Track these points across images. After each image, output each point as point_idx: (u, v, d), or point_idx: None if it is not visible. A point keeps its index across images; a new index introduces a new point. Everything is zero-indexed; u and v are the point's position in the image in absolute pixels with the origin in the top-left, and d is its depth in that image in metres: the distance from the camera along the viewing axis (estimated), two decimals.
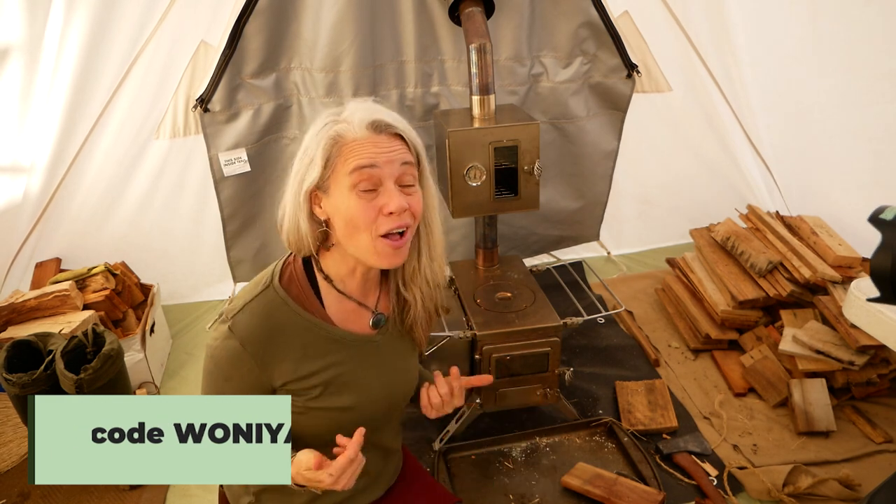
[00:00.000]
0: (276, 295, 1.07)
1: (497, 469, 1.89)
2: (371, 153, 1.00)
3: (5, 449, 2.07)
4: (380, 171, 1.01)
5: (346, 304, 1.13)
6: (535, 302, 1.98)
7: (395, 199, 1.01)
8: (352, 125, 1.02)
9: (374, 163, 1.00)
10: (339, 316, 1.12)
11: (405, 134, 1.05)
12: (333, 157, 1.02)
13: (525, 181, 2.00)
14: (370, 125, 1.02)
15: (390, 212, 1.01)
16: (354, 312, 1.15)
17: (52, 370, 1.83)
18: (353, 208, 1.01)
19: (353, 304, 1.14)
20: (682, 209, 3.15)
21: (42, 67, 2.33)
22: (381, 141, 1.02)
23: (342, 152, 1.01)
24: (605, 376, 2.30)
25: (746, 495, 1.79)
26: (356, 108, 1.05)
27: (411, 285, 1.17)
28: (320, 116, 1.07)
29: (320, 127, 1.04)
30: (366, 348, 1.15)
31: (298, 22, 2.38)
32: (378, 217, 1.01)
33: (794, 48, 2.67)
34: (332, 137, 1.02)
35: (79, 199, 2.61)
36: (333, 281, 1.11)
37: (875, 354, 2.01)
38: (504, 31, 2.50)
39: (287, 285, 1.09)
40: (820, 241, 2.33)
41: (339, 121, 1.03)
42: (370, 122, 1.02)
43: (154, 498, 1.88)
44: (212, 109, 2.46)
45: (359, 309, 1.15)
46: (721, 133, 2.98)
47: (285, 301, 1.07)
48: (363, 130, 1.02)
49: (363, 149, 1.00)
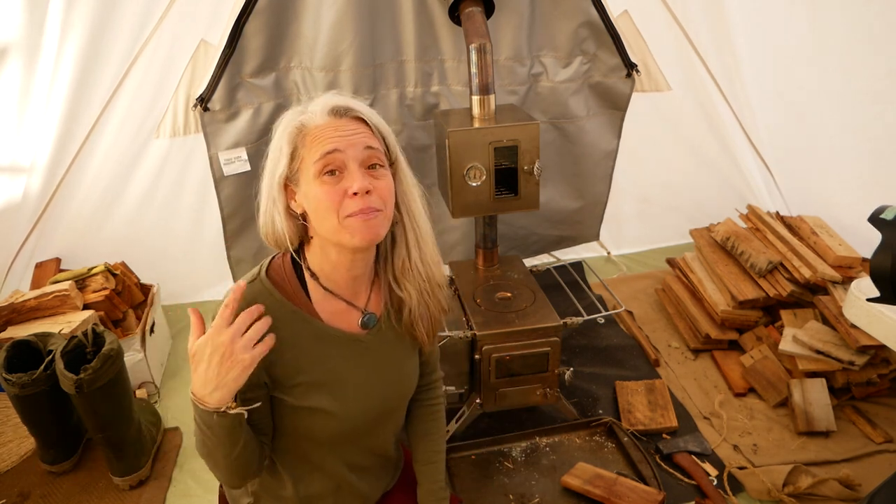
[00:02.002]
0: (262, 287, 1.07)
1: (497, 469, 1.89)
2: (332, 137, 1.01)
3: (5, 449, 2.07)
4: (342, 155, 1.01)
5: (335, 302, 1.12)
6: (535, 302, 1.98)
7: (358, 180, 1.00)
8: (314, 114, 1.04)
9: (336, 147, 1.00)
10: (327, 313, 1.11)
11: (367, 117, 1.06)
12: (299, 147, 1.03)
13: (525, 181, 2.00)
14: (331, 111, 1.03)
15: (354, 192, 1.00)
16: (344, 312, 1.13)
17: (51, 370, 1.83)
18: (319, 193, 1.01)
19: (342, 303, 1.12)
20: (682, 209, 3.15)
21: (41, 67, 2.33)
22: (343, 125, 1.03)
23: (306, 142, 1.02)
24: (605, 376, 2.30)
25: (746, 495, 1.79)
26: (319, 99, 1.06)
27: (404, 282, 1.15)
28: (286, 113, 1.08)
29: (286, 121, 1.06)
30: (353, 348, 1.13)
31: (298, 21, 2.38)
32: (343, 199, 1.01)
33: (794, 48, 2.67)
34: (296, 128, 1.03)
35: (79, 199, 2.61)
36: (320, 278, 1.10)
37: (875, 354, 2.01)
38: (504, 31, 2.50)
39: (274, 280, 1.09)
40: (820, 241, 2.33)
41: (302, 112, 1.06)
42: (331, 108, 1.04)
43: (154, 498, 1.88)
44: (212, 108, 2.46)
45: (348, 308, 1.13)
46: (721, 133, 2.98)
47: (271, 293, 1.07)
48: (324, 117, 1.03)
49: (325, 134, 1.01)
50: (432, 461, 1.33)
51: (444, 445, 1.37)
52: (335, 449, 1.16)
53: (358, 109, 1.05)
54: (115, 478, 1.90)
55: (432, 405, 1.35)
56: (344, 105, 1.04)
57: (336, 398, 1.10)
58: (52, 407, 1.90)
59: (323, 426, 1.11)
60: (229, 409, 0.94)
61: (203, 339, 0.91)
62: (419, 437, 1.34)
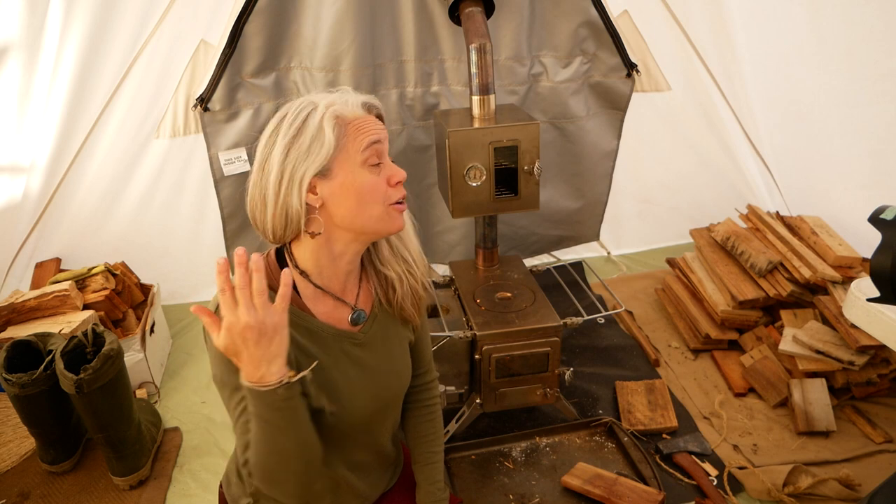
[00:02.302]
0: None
1: (497, 469, 1.89)
2: (374, 129, 1.05)
3: (5, 449, 2.08)
4: (383, 147, 1.07)
5: (325, 299, 1.12)
6: (535, 302, 1.98)
7: (399, 170, 1.09)
8: (347, 105, 1.05)
9: (380, 138, 1.06)
10: (317, 311, 1.11)
11: (383, 115, 1.13)
12: (340, 135, 1.03)
13: (525, 181, 2.00)
14: (363, 105, 1.07)
15: (397, 181, 1.08)
16: (334, 309, 1.13)
17: (51, 370, 1.83)
18: (367, 182, 1.04)
19: (331, 300, 1.12)
20: (682, 209, 3.15)
21: (42, 67, 2.33)
22: (373, 119, 1.07)
23: (347, 131, 1.03)
24: (605, 376, 2.30)
25: (746, 495, 1.79)
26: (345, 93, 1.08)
27: (391, 262, 1.19)
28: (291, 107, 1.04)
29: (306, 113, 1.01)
30: (346, 345, 1.13)
31: (298, 21, 2.38)
32: (387, 189, 1.07)
33: (794, 47, 2.67)
34: (336, 117, 1.02)
35: (79, 199, 2.61)
36: (311, 276, 1.10)
37: (875, 354, 2.01)
38: (504, 30, 2.50)
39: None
40: (820, 241, 2.33)
41: (332, 103, 1.03)
42: (363, 103, 1.07)
43: (154, 498, 1.88)
44: (212, 109, 2.46)
45: (337, 306, 1.13)
46: (721, 133, 2.98)
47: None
48: (360, 110, 1.06)
49: (366, 125, 1.05)
50: (431, 462, 1.33)
51: (442, 446, 1.37)
52: (333, 447, 1.16)
53: (380, 107, 1.11)
54: (115, 478, 1.90)
55: (429, 406, 1.36)
56: (372, 102, 1.10)
57: (333, 396, 1.10)
58: (52, 407, 1.90)
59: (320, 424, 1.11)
60: (291, 378, 0.93)
61: (225, 331, 0.90)
62: (417, 439, 1.34)
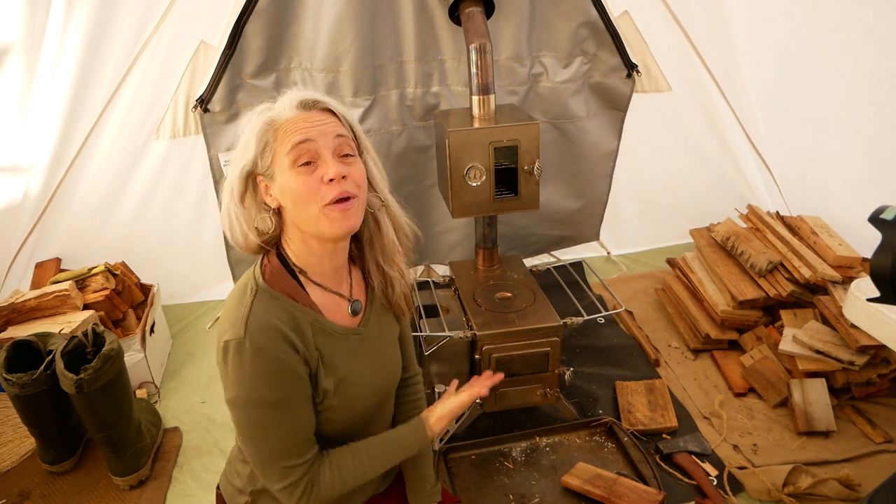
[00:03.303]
0: (268, 295, 1.05)
1: (497, 469, 1.89)
2: (303, 128, 1.03)
3: (5, 449, 2.08)
4: (315, 145, 1.03)
5: (326, 295, 1.14)
6: (535, 302, 1.98)
7: (333, 166, 1.03)
8: (282, 108, 1.06)
9: (309, 136, 1.03)
10: (324, 307, 1.12)
11: (334, 108, 1.09)
12: (270, 141, 1.04)
13: (525, 181, 2.00)
14: (299, 104, 1.06)
15: (330, 179, 1.02)
16: (335, 304, 1.15)
17: (51, 370, 1.83)
18: (295, 183, 1.03)
19: (332, 295, 1.14)
20: (682, 209, 3.15)
21: (42, 67, 2.33)
22: (312, 116, 1.05)
23: (277, 135, 1.04)
24: (605, 376, 2.30)
25: (746, 495, 1.79)
26: (285, 96, 1.08)
27: (391, 261, 1.20)
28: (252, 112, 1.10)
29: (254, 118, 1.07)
30: (352, 341, 1.15)
31: (298, 22, 2.38)
32: (321, 187, 1.03)
33: (794, 48, 2.67)
34: (266, 122, 1.05)
35: (79, 199, 2.61)
36: (308, 273, 1.11)
37: (875, 354, 2.01)
38: (504, 31, 2.50)
39: (272, 283, 1.07)
40: (820, 241, 2.33)
41: (268, 108, 1.08)
42: (299, 102, 1.06)
43: (154, 498, 1.88)
44: (212, 109, 2.46)
45: (337, 300, 1.16)
46: (721, 133, 2.98)
47: (278, 298, 1.06)
48: (293, 110, 1.05)
49: (295, 126, 1.03)
50: (420, 457, 1.33)
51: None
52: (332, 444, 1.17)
53: (325, 101, 1.08)
54: (115, 478, 1.90)
55: (415, 401, 1.38)
56: (311, 98, 1.07)
57: (340, 392, 1.11)
58: (52, 407, 1.90)
59: (325, 423, 1.11)
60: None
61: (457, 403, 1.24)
62: None
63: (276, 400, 1.02)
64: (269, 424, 1.03)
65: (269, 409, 1.02)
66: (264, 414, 1.02)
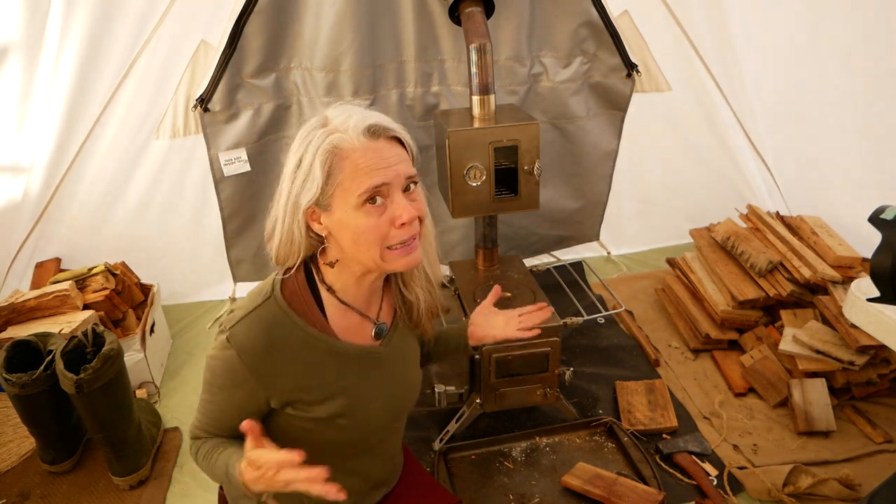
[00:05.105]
0: (277, 308, 1.05)
1: (497, 469, 1.89)
2: (378, 169, 0.96)
3: (5, 449, 2.08)
4: (390, 188, 0.98)
5: (350, 315, 1.12)
6: (535, 302, 1.98)
7: (407, 210, 0.99)
8: (347, 133, 0.96)
9: (385, 181, 0.96)
10: (341, 328, 1.10)
11: (402, 137, 1.02)
12: (335, 170, 0.96)
13: (525, 181, 2.00)
14: (366, 131, 0.97)
15: (402, 223, 0.99)
16: (358, 325, 1.13)
17: (51, 370, 1.83)
18: (364, 225, 0.97)
19: (356, 315, 1.12)
20: (682, 209, 3.15)
21: (42, 67, 2.33)
22: (382, 149, 0.98)
23: (344, 167, 0.96)
24: (605, 376, 2.30)
25: (746, 495, 1.79)
26: (345, 113, 0.99)
27: (412, 285, 1.16)
28: (305, 126, 1.01)
29: (311, 138, 0.98)
30: (368, 360, 1.13)
31: (298, 22, 2.38)
32: (390, 230, 0.99)
33: (795, 47, 2.67)
34: (329, 151, 0.96)
35: (79, 199, 2.61)
36: (337, 292, 1.09)
37: (875, 354, 2.01)
38: (504, 31, 2.50)
39: (289, 298, 1.06)
40: (820, 241, 2.33)
41: (332, 130, 0.97)
42: (366, 128, 0.97)
43: (154, 498, 1.88)
44: (212, 109, 2.46)
45: (361, 321, 1.13)
46: (721, 133, 2.98)
47: (287, 314, 1.05)
48: (360, 138, 0.96)
49: (368, 162, 0.96)
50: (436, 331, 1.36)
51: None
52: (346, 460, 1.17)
53: (393, 129, 1.01)
54: (115, 478, 1.90)
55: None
56: (381, 125, 0.99)
57: (350, 411, 1.11)
58: (52, 407, 1.90)
59: (336, 438, 1.12)
60: (264, 501, 1.00)
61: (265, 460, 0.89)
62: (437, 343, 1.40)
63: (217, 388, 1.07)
64: (206, 399, 1.10)
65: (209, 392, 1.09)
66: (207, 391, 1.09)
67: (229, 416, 1.08)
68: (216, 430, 1.11)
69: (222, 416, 1.09)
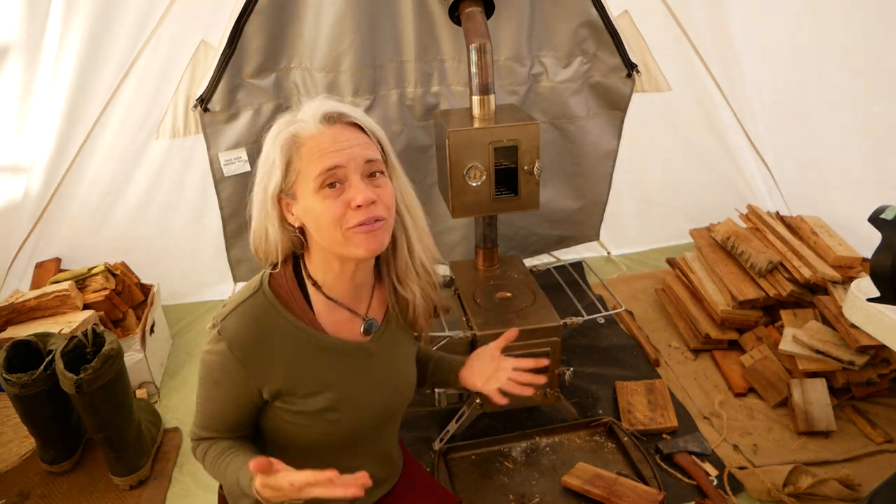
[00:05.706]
0: (265, 299, 1.06)
1: (497, 469, 1.89)
2: (331, 152, 0.98)
3: (5, 449, 2.08)
4: (345, 170, 0.99)
5: (338, 311, 1.12)
6: (535, 302, 1.98)
7: (362, 191, 0.99)
8: (305, 122, 1.00)
9: (338, 163, 0.98)
10: (329, 323, 1.11)
11: (361, 122, 1.03)
12: (294, 159, 1.00)
13: (525, 181, 2.00)
14: (323, 118, 1.00)
15: (357, 205, 0.99)
16: (346, 320, 1.13)
17: (51, 370, 1.83)
18: (320, 208, 0.99)
19: (345, 311, 1.12)
20: (682, 209, 3.15)
21: (42, 67, 2.33)
22: (338, 134, 1.00)
23: (302, 154, 0.99)
24: (605, 376, 2.30)
25: (746, 495, 1.79)
26: (308, 106, 1.03)
27: (407, 282, 1.15)
28: (277, 121, 1.05)
29: (277, 131, 1.03)
30: (358, 356, 1.13)
31: (298, 22, 2.38)
32: (346, 212, 0.99)
33: (795, 47, 2.67)
34: (289, 139, 1.00)
35: (79, 199, 2.61)
36: (323, 288, 1.10)
37: (875, 354, 2.01)
38: (504, 31, 2.50)
39: (277, 291, 1.07)
40: (820, 241, 2.33)
41: (292, 121, 1.02)
42: (322, 115, 1.00)
43: (154, 498, 1.88)
44: (212, 109, 2.46)
45: (350, 317, 1.13)
46: (721, 133, 2.98)
47: (274, 305, 1.06)
48: (317, 125, 1.00)
49: (323, 147, 0.98)
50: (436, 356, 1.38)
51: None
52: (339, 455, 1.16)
53: (351, 115, 1.02)
54: (115, 478, 1.90)
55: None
56: (336, 111, 1.01)
57: (340, 406, 1.11)
58: (52, 407, 1.90)
59: (327, 433, 1.11)
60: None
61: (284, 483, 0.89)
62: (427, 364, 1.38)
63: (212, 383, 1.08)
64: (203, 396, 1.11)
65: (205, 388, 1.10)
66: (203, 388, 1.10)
67: (226, 410, 1.08)
68: (216, 428, 1.11)
69: (220, 412, 1.09)
